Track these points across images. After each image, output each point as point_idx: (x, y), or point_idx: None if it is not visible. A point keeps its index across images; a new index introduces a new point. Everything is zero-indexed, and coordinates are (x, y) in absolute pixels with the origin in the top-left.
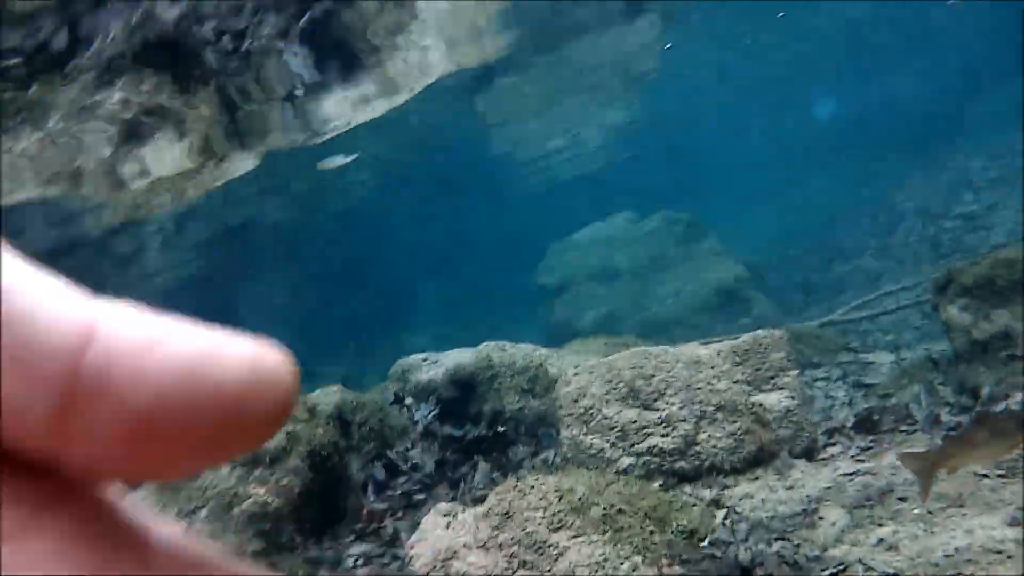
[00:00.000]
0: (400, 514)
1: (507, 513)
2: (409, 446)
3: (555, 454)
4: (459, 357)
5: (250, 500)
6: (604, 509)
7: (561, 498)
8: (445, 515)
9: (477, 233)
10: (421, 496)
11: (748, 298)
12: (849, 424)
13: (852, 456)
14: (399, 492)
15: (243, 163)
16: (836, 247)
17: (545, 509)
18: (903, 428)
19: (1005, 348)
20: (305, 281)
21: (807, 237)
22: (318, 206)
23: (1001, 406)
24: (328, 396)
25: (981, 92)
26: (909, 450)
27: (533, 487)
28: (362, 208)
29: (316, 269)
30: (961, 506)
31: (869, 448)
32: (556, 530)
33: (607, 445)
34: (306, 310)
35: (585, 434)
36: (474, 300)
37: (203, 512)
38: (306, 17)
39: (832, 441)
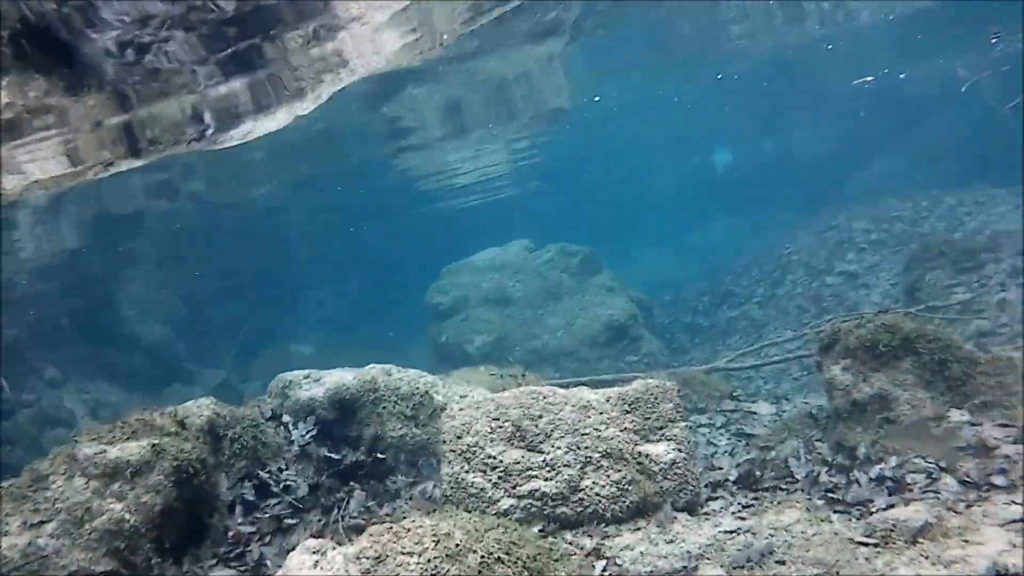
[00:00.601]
0: (268, 539)
1: (379, 557)
2: (283, 466)
3: (434, 487)
4: (342, 377)
5: (104, 516)
6: (482, 557)
7: (437, 543)
8: (314, 552)
9: (373, 247)
10: (292, 520)
11: (637, 336)
12: (732, 479)
13: (734, 513)
14: (269, 515)
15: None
16: (725, 293)
17: (420, 555)
18: (783, 486)
19: (881, 411)
20: (192, 278)
21: (698, 281)
22: (213, 206)
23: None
24: (200, 408)
25: (868, 158)
26: None
27: (409, 529)
28: (259, 213)
29: (206, 268)
30: (837, 574)
31: (750, 506)
32: None
33: (488, 485)
34: (190, 308)
35: (467, 472)
36: (364, 314)
37: (50, 526)
38: (228, 51)
39: (715, 495)
